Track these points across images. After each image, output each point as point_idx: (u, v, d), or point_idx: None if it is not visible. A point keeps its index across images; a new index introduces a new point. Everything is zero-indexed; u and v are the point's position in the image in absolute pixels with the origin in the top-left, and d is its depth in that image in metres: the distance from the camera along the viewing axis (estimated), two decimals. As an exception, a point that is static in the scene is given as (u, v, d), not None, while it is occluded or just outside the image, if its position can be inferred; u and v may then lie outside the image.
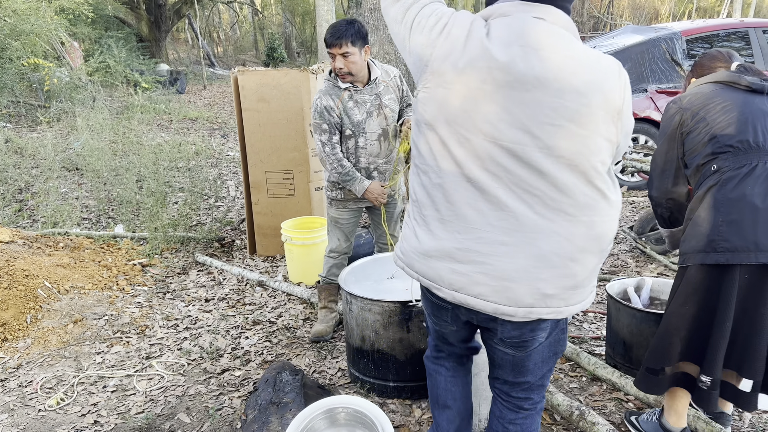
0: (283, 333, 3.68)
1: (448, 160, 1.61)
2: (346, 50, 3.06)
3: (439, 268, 1.67)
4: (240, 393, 3.05)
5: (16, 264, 3.99)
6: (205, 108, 13.43)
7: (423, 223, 1.70)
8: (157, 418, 2.88)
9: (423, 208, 1.70)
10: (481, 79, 1.54)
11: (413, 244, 1.73)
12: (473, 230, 1.61)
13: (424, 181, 1.69)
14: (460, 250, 1.63)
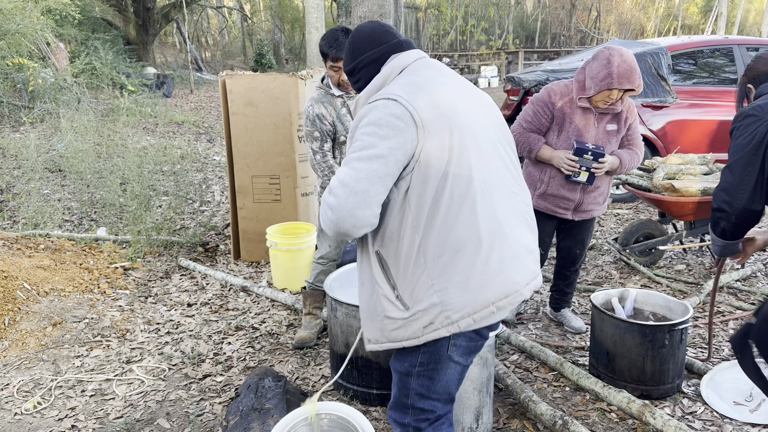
0: (266, 339, 3.65)
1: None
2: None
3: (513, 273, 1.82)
4: (221, 399, 3.01)
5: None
6: (192, 112, 13.36)
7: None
8: (137, 423, 2.83)
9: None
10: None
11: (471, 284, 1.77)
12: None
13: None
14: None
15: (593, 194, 3.38)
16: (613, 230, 5.77)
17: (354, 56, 1.93)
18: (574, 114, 3.22)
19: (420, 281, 1.75)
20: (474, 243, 1.74)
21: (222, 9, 30.45)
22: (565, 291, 3.71)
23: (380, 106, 1.71)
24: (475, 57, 25.98)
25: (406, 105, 1.70)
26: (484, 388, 2.63)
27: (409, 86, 1.76)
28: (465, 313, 1.74)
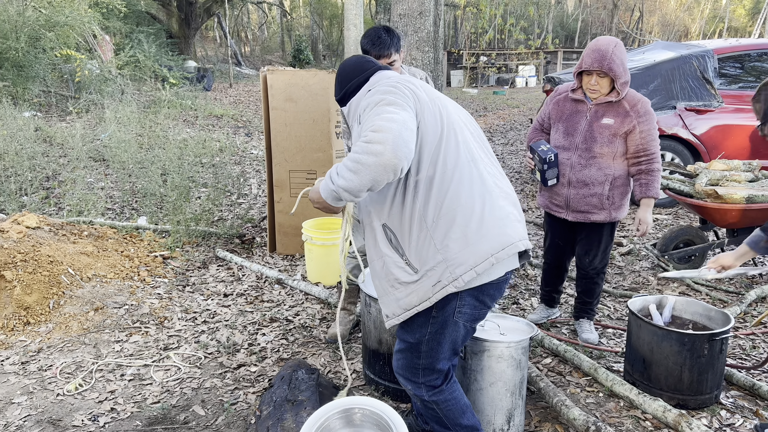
0: (299, 331, 3.69)
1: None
2: (393, 59, 3.12)
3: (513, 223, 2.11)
4: (255, 389, 3.07)
5: (42, 250, 4.06)
6: (231, 106, 13.55)
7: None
8: (173, 408, 2.90)
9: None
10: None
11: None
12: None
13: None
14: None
15: (582, 192, 3.31)
16: (651, 235, 5.66)
17: (342, 86, 2.22)
18: (566, 108, 3.35)
19: (424, 244, 2.01)
20: (468, 203, 2.01)
21: (262, 4, 30.78)
22: (584, 300, 3.62)
23: (385, 84, 2.02)
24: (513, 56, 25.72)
25: (406, 83, 2.04)
26: (517, 390, 2.62)
27: (402, 77, 2.09)
28: (467, 267, 1.99)
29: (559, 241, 3.60)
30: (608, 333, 3.74)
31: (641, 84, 6.34)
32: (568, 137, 3.32)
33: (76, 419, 2.80)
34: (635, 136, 3.20)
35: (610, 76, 3.10)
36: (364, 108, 2.00)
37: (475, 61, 23.98)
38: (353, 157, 1.85)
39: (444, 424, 2.26)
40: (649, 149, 3.20)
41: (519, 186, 7.43)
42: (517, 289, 4.40)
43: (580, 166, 3.29)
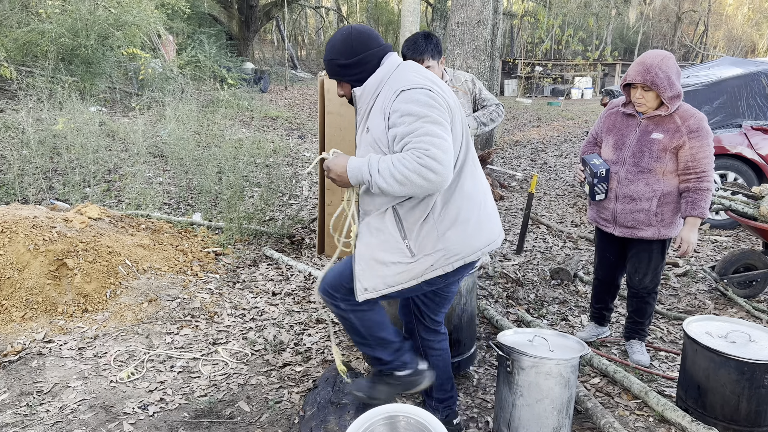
0: (344, 334, 3.71)
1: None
2: (428, 65, 3.19)
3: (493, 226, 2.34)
4: (299, 388, 3.10)
5: (102, 240, 4.21)
6: (285, 108, 13.79)
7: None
8: (219, 403, 2.96)
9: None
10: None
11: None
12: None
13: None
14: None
15: (629, 207, 3.22)
16: (709, 257, 5.46)
17: (357, 51, 2.22)
18: (617, 121, 3.32)
19: (429, 233, 2.17)
20: (470, 199, 2.22)
21: (320, 9, 31.25)
22: (636, 320, 3.51)
23: (424, 94, 2.08)
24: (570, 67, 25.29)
25: (440, 91, 2.14)
26: (564, 409, 2.57)
27: (425, 78, 2.16)
28: (461, 257, 2.21)
29: (610, 256, 3.52)
30: (660, 356, 3.62)
31: (705, 100, 6.14)
32: (617, 151, 3.27)
33: (127, 406, 2.89)
34: (685, 152, 3.10)
35: (654, 90, 3.05)
36: (402, 113, 2.07)
37: (530, 71, 23.69)
38: (403, 172, 1.99)
39: (360, 333, 2.41)
40: (699, 167, 3.09)
41: (572, 200, 7.29)
42: (566, 306, 4.31)
43: (627, 181, 3.22)
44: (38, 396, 2.94)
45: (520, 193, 7.66)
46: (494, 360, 3.47)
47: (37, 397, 2.94)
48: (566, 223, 6.42)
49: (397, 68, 2.24)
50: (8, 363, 3.21)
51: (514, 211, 6.78)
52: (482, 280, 4.74)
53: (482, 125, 3.51)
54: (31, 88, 8.33)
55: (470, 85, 3.46)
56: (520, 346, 2.62)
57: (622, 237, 3.36)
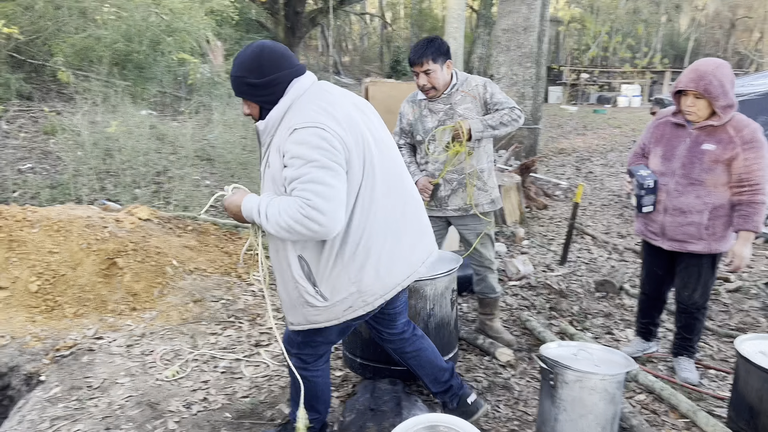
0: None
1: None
2: (428, 68, 3.18)
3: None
4: (339, 393, 3.11)
5: (151, 241, 4.33)
6: (329, 113, 13.90)
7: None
8: (260, 404, 3.00)
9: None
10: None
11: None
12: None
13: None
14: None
15: (678, 220, 3.12)
16: (763, 273, 5.26)
17: (267, 72, 2.10)
18: (666, 132, 3.21)
19: (339, 277, 2.13)
20: (382, 239, 2.15)
21: (365, 15, 31.49)
22: (684, 336, 3.39)
23: (315, 133, 1.98)
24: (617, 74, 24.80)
25: (335, 130, 2.00)
26: (609, 426, 2.51)
27: (326, 113, 2.03)
28: (378, 296, 2.19)
29: (657, 270, 3.42)
30: (710, 374, 3.50)
31: (760, 110, 5.93)
32: (665, 162, 3.18)
33: (172, 405, 2.96)
34: (739, 163, 2.99)
35: (707, 98, 2.94)
36: (292, 155, 1.98)
37: (576, 78, 23.32)
38: (287, 221, 1.95)
39: (296, 400, 2.46)
40: (753, 179, 2.97)
41: (618, 210, 7.14)
42: (611, 319, 4.22)
43: (677, 193, 3.12)
44: (88, 390, 3.04)
45: (564, 202, 7.54)
46: (536, 372, 3.41)
47: (87, 391, 3.03)
48: (612, 234, 6.29)
49: (301, 97, 2.11)
50: (61, 357, 3.33)
51: (558, 221, 6.67)
52: (524, 290, 4.68)
53: (489, 128, 3.26)
54: (87, 92, 8.63)
55: (481, 90, 3.33)
56: (564, 359, 2.58)
57: (671, 251, 3.27)
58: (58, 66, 9.83)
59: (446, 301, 3.07)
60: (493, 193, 3.51)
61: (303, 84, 2.14)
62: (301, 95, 2.11)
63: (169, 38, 11.08)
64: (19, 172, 6.71)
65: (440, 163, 3.37)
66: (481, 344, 3.63)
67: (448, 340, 3.13)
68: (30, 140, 7.99)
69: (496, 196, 3.53)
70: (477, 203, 3.43)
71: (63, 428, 2.76)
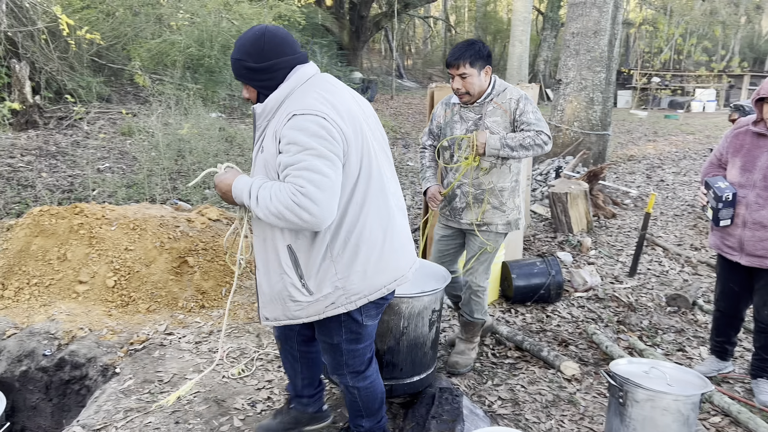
0: (445, 348, 3.69)
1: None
2: (463, 71, 3.07)
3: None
4: (399, 400, 3.11)
5: (219, 241, 4.46)
6: (391, 117, 13.98)
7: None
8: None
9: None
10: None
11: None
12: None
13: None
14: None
15: (758, 234, 2.96)
16: None
17: (267, 56, 2.05)
18: (746, 142, 3.06)
19: (327, 272, 2.08)
20: (372, 238, 2.09)
21: (428, 19, 31.48)
22: (763, 357, 3.21)
23: (315, 123, 1.94)
24: (691, 78, 23.79)
25: (335, 120, 1.96)
26: (682, 449, 2.40)
27: (327, 103, 1.99)
28: (362, 296, 2.13)
29: (734, 286, 3.26)
30: (792, 399, 3.30)
31: None
32: (745, 173, 3.02)
33: (237, 402, 3.03)
34: None
35: None
36: (288, 140, 1.94)
37: (647, 82, 22.52)
38: (278, 207, 1.91)
39: (358, 408, 2.45)
40: None
41: (691, 221, 6.84)
42: (683, 335, 4.04)
43: (757, 206, 2.97)
44: (159, 384, 3.16)
45: (633, 211, 7.29)
46: (603, 388, 3.31)
47: (158, 385, 3.15)
48: (685, 246, 6.03)
49: (303, 84, 2.07)
50: (134, 351, 3.47)
51: (627, 231, 6.45)
52: (591, 302, 4.54)
53: (507, 147, 3.02)
54: (161, 95, 8.99)
55: (513, 105, 3.09)
56: (634, 377, 2.49)
57: (749, 266, 3.11)
58: (135, 70, 10.29)
59: (423, 321, 2.87)
60: (511, 215, 3.29)
61: (306, 72, 2.10)
62: (303, 83, 2.07)
63: (239, 43, 11.40)
64: (98, 171, 7.06)
65: (455, 173, 3.27)
66: (546, 357, 3.55)
67: (421, 360, 2.95)
68: (108, 141, 8.40)
69: (514, 219, 3.31)
70: (490, 222, 3.27)
71: (136, 420, 2.87)
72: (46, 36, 9.37)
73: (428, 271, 3.13)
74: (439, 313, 2.99)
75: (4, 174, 6.64)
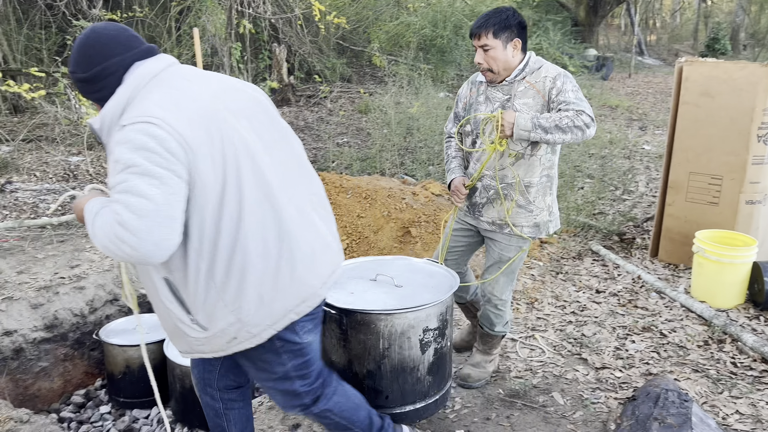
0: (674, 349, 3.38)
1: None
2: (485, 42, 2.56)
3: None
4: (618, 395, 2.94)
5: (440, 215, 4.61)
6: (627, 97, 12.98)
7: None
8: (533, 389, 2.99)
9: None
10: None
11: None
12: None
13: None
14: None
15: None
16: None
17: (94, 61, 1.70)
18: None
19: (215, 304, 1.73)
20: (260, 259, 1.72)
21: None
22: None
23: (142, 130, 1.57)
24: None
25: (170, 129, 1.58)
26: None
27: (167, 104, 1.62)
28: (264, 326, 1.77)
29: None
30: None
31: None
32: None
33: (450, 370, 3.14)
34: None
35: None
36: (114, 157, 1.59)
37: None
38: (103, 242, 1.59)
39: (344, 426, 2.13)
40: None
41: None
42: None
43: None
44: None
45: None
46: None
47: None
48: None
49: (147, 84, 1.68)
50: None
51: None
52: None
53: (539, 129, 2.47)
54: (395, 75, 9.50)
55: (548, 84, 2.57)
56: None
57: None
58: (374, 52, 11.01)
59: (410, 342, 2.39)
60: (541, 216, 2.75)
61: (149, 68, 1.72)
62: (147, 82, 1.69)
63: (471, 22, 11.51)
64: (338, 145, 7.75)
65: (476, 162, 2.78)
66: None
67: (413, 388, 2.46)
68: (347, 117, 9.15)
69: (543, 221, 2.76)
70: (515, 223, 2.74)
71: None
72: (301, 21, 10.47)
73: (426, 274, 2.69)
74: (439, 332, 2.46)
75: (263, 144, 7.64)
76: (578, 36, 18.52)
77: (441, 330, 2.46)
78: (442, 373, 2.56)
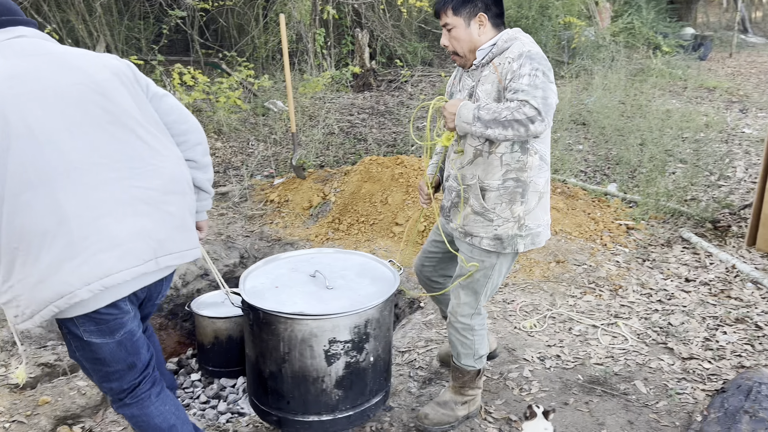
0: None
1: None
2: (446, 21, 2.22)
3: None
4: (705, 386, 2.82)
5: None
6: (726, 78, 12.15)
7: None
8: (614, 376, 2.92)
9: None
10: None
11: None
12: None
13: None
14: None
15: None
16: None
17: None
18: None
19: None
20: (29, 240, 1.69)
21: (791, -41, 26.07)
22: None
23: None
24: None
25: None
26: None
27: None
28: (32, 311, 1.74)
29: None
30: None
31: None
32: None
33: (527, 354, 3.11)
34: None
35: None
36: None
37: None
38: None
39: None
40: None
41: None
42: None
43: None
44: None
45: None
46: None
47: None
48: None
49: None
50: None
51: None
52: None
53: (478, 122, 2.03)
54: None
55: (506, 67, 2.12)
56: None
57: None
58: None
59: (312, 351, 2.23)
60: (504, 228, 2.25)
61: None
62: None
63: (558, 2, 11.14)
64: (417, 129, 7.75)
65: (450, 158, 2.41)
66: None
67: (317, 399, 2.31)
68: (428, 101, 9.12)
69: (508, 235, 2.26)
70: (472, 233, 2.32)
71: (434, 350, 3.18)
72: (384, 5, 10.50)
73: (373, 279, 2.48)
74: (353, 345, 2.25)
75: (345, 128, 7.76)
76: (674, 14, 17.48)
77: (356, 344, 2.27)
78: (359, 390, 2.37)
